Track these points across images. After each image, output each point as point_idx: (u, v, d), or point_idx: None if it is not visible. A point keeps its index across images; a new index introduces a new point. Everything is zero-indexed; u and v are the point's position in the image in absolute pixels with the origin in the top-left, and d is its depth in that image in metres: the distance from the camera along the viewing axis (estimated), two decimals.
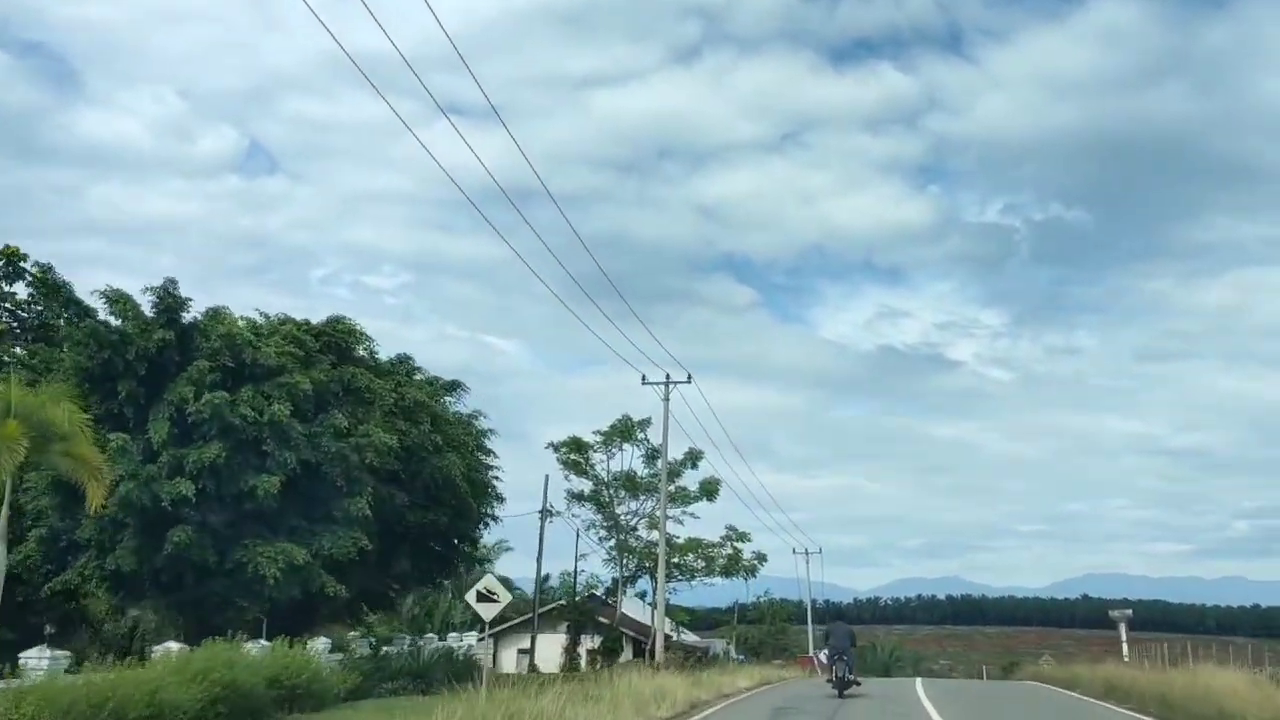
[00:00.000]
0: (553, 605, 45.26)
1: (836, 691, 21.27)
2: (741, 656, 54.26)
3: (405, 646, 29.49)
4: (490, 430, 30.91)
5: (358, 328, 26.32)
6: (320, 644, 24.12)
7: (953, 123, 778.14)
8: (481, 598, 18.91)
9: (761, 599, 57.29)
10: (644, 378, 36.60)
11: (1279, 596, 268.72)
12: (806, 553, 68.47)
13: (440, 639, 44.18)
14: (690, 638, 60.13)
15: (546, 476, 40.51)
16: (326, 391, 24.61)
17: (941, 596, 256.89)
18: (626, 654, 43.40)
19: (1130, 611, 37.62)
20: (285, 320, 25.81)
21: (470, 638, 41.23)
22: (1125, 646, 36.03)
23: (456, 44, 12.81)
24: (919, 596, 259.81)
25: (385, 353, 28.32)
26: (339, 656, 24.79)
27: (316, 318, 26.15)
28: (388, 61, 12.51)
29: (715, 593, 61.50)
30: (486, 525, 30.42)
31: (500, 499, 30.87)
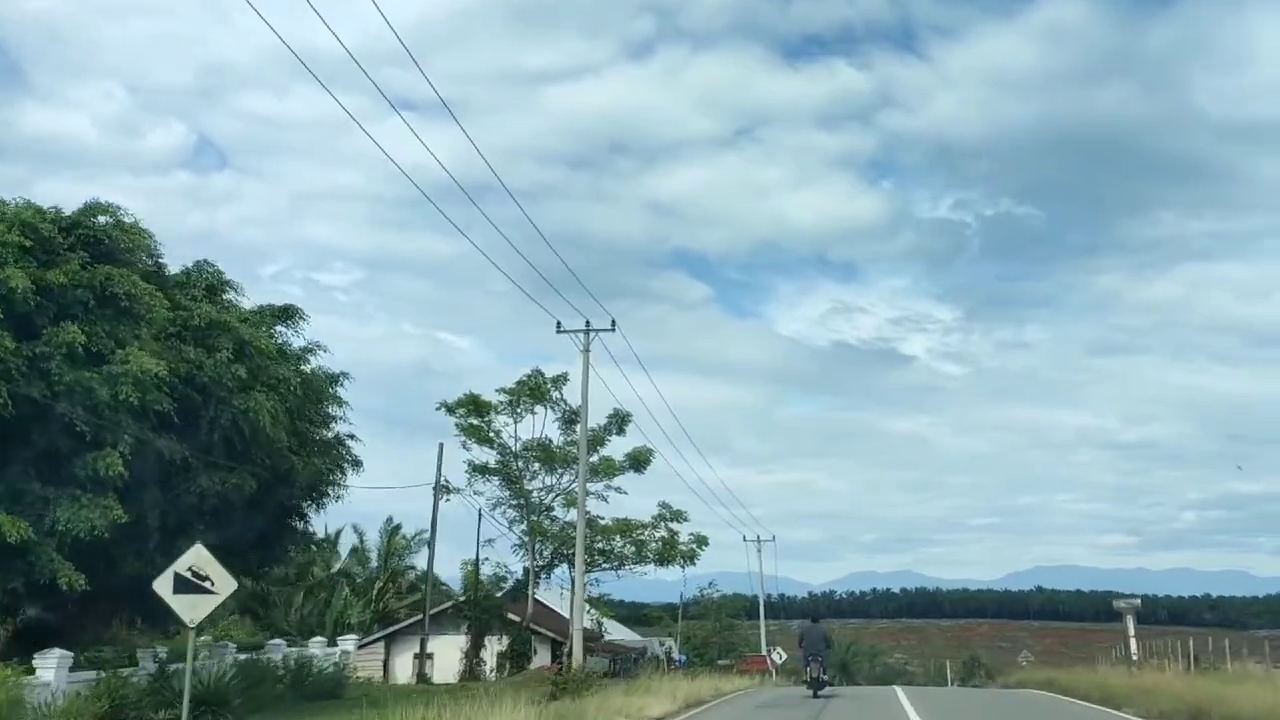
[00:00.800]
0: (448, 604, 37.93)
1: (811, 692, 21.90)
2: (683, 658, 47.46)
3: (224, 659, 22.20)
4: (343, 375, 23.64)
5: (131, 220, 18.88)
6: (51, 659, 16.79)
7: (905, 119, 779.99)
8: (183, 584, 11.59)
9: (706, 591, 50.57)
10: (559, 324, 29.81)
11: (1224, 586, 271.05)
12: (759, 540, 61.90)
13: (331, 644, 36.89)
14: (628, 636, 53.14)
15: (440, 445, 33.25)
16: (69, 299, 17.21)
17: (896, 590, 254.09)
18: (542, 657, 36.33)
19: (1138, 601, 31.41)
20: (28, 206, 18.30)
21: (349, 642, 33.89)
22: (1134, 643, 29.78)
23: (408, 39, 12.73)
24: (873, 590, 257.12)
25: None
26: (90, 676, 17.48)
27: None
28: (339, 57, 12.26)
29: (664, 587, 54.83)
30: (327, 497, 23.09)
31: (354, 464, 23.65)
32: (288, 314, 22.58)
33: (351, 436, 23.90)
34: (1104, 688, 19.86)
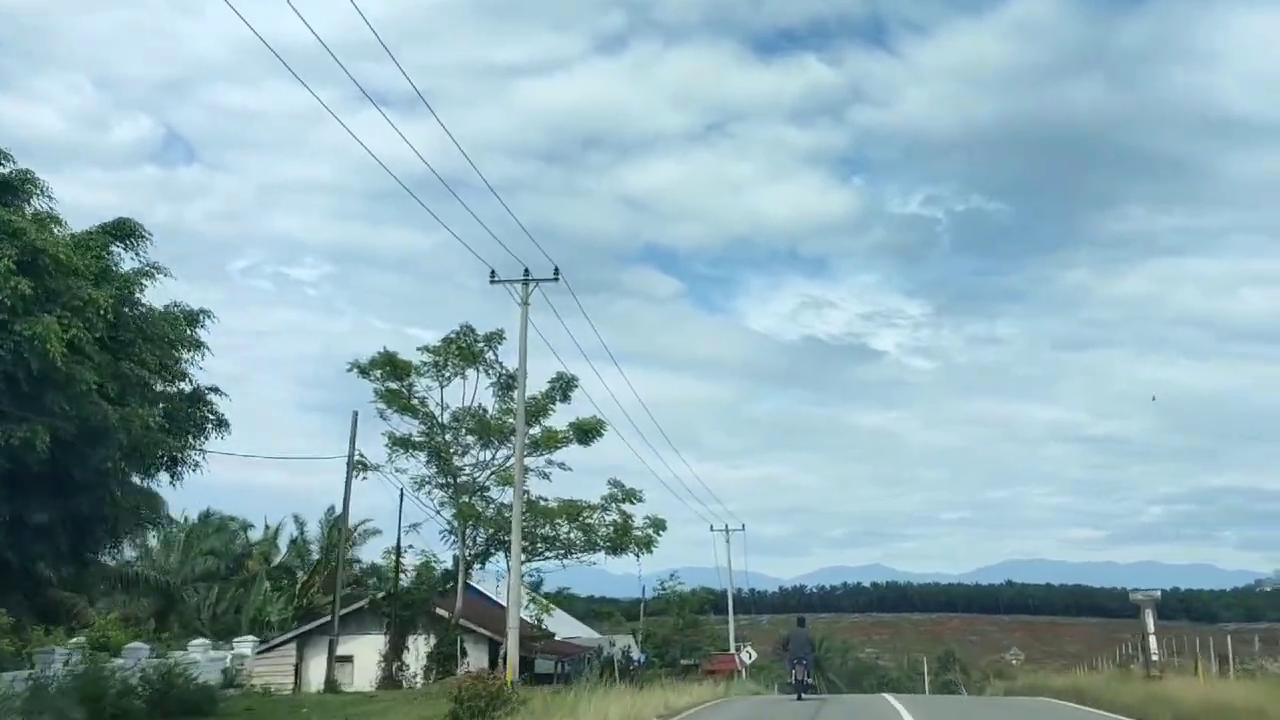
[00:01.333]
0: (364, 599, 33.03)
1: (795, 695, 21.89)
2: (642, 658, 42.88)
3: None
4: (204, 313, 18.71)
5: None
6: None
7: (876, 115, 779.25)
8: None
9: (668, 584, 45.94)
10: (493, 274, 25.31)
11: (1190, 579, 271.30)
12: (727, 530, 57.41)
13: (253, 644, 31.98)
14: (583, 634, 48.45)
15: (355, 414, 28.31)
16: None
17: (866, 584, 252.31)
18: (477, 659, 31.57)
19: (1158, 594, 27.16)
20: None
21: (245, 645, 29.01)
22: (1154, 641, 25.54)
23: (379, 32, 12.50)
24: (844, 584, 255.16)
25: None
26: None
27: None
28: (308, 49, 12.23)
29: (632, 582, 50.20)
30: (180, 465, 18.18)
31: (219, 425, 18.77)
32: (125, 231, 17.60)
33: (215, 390, 18.99)
34: (1160, 700, 15.49)
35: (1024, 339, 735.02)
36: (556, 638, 44.33)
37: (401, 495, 29.12)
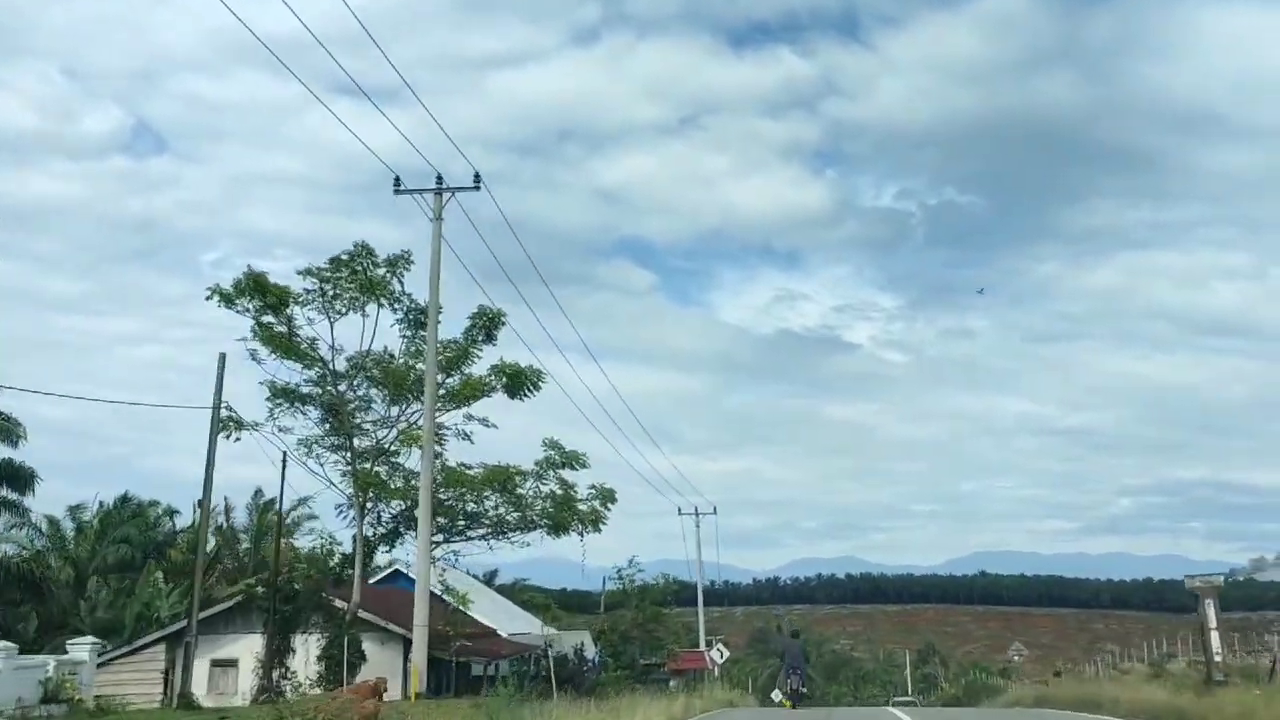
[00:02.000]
0: (238, 596, 26.99)
1: (792, 703, 21.96)
2: (594, 658, 37.14)
3: None
4: None
5: None
6: None
7: (850, 108, 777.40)
8: None
9: (625, 574, 40.01)
10: (397, 181, 20.02)
11: (1160, 570, 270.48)
12: (696, 514, 51.81)
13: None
14: (526, 631, 42.60)
15: (221, 356, 22.13)
16: None
17: (840, 575, 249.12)
18: (386, 661, 25.70)
19: (1220, 580, 21.69)
20: None
21: (82, 649, 22.99)
22: (1217, 638, 20.17)
23: (351, 25, 12.55)
24: (818, 576, 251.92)
25: None
26: None
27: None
28: (280, 40, 12.80)
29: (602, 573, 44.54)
30: None
31: None
32: None
33: None
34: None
35: (996, 332, 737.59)
36: (503, 635, 38.56)
37: (284, 460, 23.09)
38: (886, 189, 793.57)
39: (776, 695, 25.62)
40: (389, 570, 40.93)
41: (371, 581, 35.42)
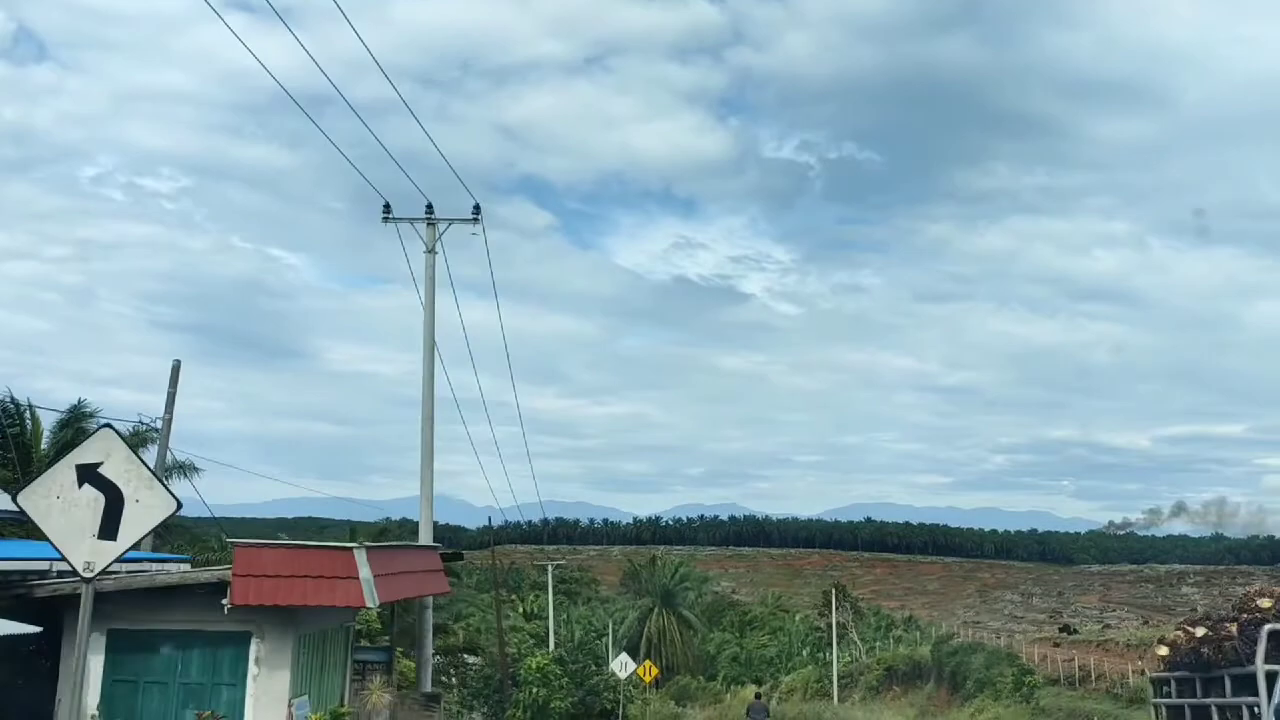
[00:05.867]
0: None
1: None
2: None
3: None
4: None
5: None
6: None
7: (756, 57, 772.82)
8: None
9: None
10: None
11: (1030, 525, 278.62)
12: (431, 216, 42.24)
13: None
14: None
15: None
16: None
17: (725, 518, 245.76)
18: None
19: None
20: None
21: None
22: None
23: None
24: (700, 517, 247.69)
25: None
26: None
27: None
28: None
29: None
30: None
31: None
32: None
33: None
34: None
35: (886, 289, 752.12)
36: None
37: None
38: (788, 141, 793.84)
39: None
40: None
41: None
